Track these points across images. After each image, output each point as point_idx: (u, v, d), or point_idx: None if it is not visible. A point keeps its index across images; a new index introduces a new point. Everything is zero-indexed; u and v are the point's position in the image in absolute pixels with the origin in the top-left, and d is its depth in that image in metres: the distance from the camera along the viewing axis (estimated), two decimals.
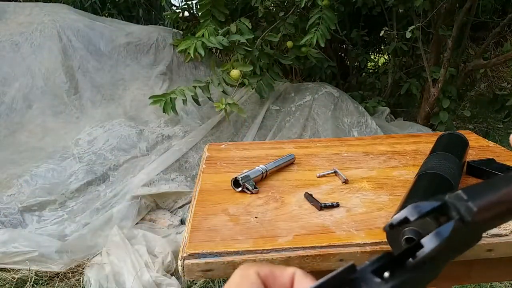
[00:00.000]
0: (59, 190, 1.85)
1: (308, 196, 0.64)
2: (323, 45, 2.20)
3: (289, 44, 2.47)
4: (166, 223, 1.86)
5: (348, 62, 3.74)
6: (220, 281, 1.57)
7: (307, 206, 0.62)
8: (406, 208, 0.26)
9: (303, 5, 2.17)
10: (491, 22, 3.42)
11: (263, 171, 0.71)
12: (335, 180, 0.71)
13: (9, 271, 1.57)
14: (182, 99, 2.08)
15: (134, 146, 2.10)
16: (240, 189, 0.67)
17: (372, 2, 3.09)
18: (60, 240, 1.67)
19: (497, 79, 4.42)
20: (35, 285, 1.54)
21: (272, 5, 2.68)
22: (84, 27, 2.56)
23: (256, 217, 0.59)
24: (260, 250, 0.50)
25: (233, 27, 2.15)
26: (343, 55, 3.95)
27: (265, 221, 0.57)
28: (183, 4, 2.93)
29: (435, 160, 0.62)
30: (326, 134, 2.39)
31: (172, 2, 4.08)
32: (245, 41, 2.16)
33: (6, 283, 1.52)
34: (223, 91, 2.24)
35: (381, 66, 3.96)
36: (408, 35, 2.28)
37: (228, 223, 0.57)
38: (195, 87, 2.13)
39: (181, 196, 1.97)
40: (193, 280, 1.55)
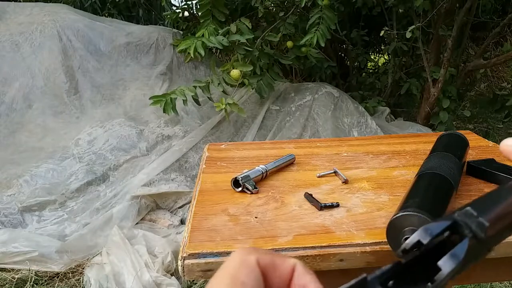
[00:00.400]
0: (59, 190, 1.85)
1: (308, 196, 0.64)
2: (323, 45, 2.20)
3: (289, 44, 2.47)
4: (166, 223, 1.86)
5: (348, 62, 3.74)
6: None
7: (307, 206, 0.62)
8: (418, 232, 0.26)
9: (303, 5, 2.17)
10: (491, 22, 3.42)
11: (263, 171, 0.71)
12: (335, 180, 0.71)
13: (9, 271, 1.57)
14: (182, 99, 2.08)
15: (134, 146, 2.10)
16: (240, 189, 0.67)
17: (372, 2, 3.09)
18: (60, 240, 1.67)
19: (497, 79, 4.42)
20: (35, 285, 1.54)
21: (272, 5, 2.68)
22: (84, 27, 2.56)
23: (256, 217, 0.59)
24: None
25: (233, 27, 2.15)
26: (343, 55, 3.95)
27: (265, 221, 0.57)
28: (183, 4, 2.93)
29: (435, 160, 0.62)
30: (326, 134, 2.39)
31: (172, 2, 4.08)
32: (245, 41, 2.15)
33: (6, 283, 1.51)
34: (223, 91, 2.24)
35: (381, 66, 3.96)
36: (408, 35, 2.28)
37: (228, 223, 0.57)
38: (195, 87, 2.13)
39: (181, 196, 1.97)
40: (193, 280, 1.55)
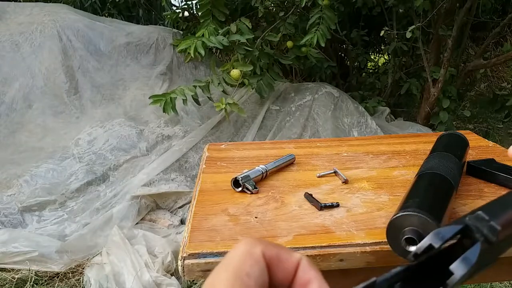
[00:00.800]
0: (59, 190, 1.85)
1: (308, 196, 0.64)
2: (324, 45, 2.20)
3: (289, 44, 2.46)
4: (166, 223, 1.86)
5: (348, 62, 3.74)
6: None
7: (307, 206, 0.62)
8: (429, 236, 0.26)
9: (303, 5, 2.17)
10: (491, 22, 3.42)
11: (263, 171, 0.71)
12: (335, 180, 0.71)
13: (9, 271, 1.57)
14: (182, 99, 2.08)
15: (134, 146, 2.10)
16: (240, 189, 0.67)
17: (372, 2, 3.09)
18: (60, 240, 1.67)
19: (497, 79, 4.42)
20: (35, 285, 1.54)
21: (272, 5, 2.68)
22: (84, 27, 2.56)
23: (256, 217, 0.59)
24: None
25: (233, 27, 2.15)
26: (343, 55, 3.95)
27: (265, 221, 0.57)
28: (183, 4, 2.93)
29: (435, 160, 0.62)
30: (326, 134, 2.39)
31: (172, 2, 4.08)
32: (245, 41, 2.15)
33: (6, 283, 1.51)
34: (223, 91, 2.24)
35: (381, 66, 3.96)
36: (408, 35, 2.28)
37: (228, 223, 0.57)
38: (195, 87, 2.13)
39: (181, 196, 1.97)
40: (193, 280, 1.55)
